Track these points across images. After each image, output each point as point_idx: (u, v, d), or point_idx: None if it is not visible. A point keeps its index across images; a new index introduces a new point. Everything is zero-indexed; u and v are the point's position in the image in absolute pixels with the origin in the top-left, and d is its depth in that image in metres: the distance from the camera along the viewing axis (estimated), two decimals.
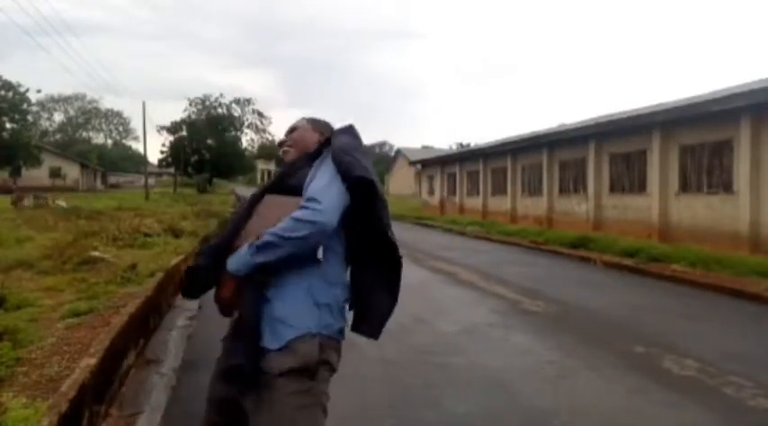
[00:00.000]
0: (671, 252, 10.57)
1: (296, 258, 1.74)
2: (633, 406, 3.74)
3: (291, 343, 1.73)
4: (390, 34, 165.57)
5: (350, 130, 1.99)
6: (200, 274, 1.82)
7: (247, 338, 1.73)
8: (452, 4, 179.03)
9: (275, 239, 1.69)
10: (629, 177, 15.23)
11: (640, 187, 14.66)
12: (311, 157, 1.95)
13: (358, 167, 1.82)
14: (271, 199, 1.86)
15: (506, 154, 22.19)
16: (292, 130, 2.12)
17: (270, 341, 1.74)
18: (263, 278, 1.75)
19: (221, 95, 72.68)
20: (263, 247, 1.70)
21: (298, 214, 1.71)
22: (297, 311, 1.76)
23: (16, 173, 50.73)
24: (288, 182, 1.88)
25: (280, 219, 1.73)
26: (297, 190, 1.81)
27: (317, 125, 2.13)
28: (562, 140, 18.39)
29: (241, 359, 1.73)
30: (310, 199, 1.74)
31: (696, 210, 12.68)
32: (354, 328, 1.97)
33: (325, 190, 1.76)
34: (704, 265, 9.44)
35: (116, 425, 3.38)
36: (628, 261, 10.60)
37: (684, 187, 13.16)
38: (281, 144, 2.13)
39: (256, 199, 1.92)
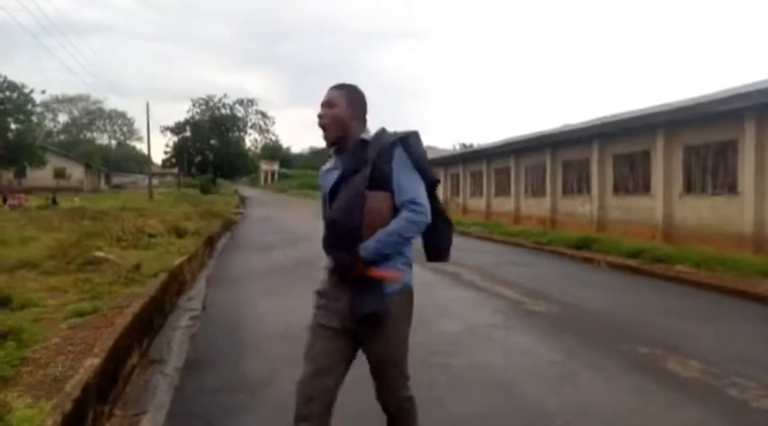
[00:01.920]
0: (675, 254, 10.53)
1: None
2: (636, 407, 3.74)
3: (404, 287, 2.36)
4: (394, 34, 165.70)
5: (419, 139, 2.36)
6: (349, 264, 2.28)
7: (377, 291, 2.27)
8: (456, 4, 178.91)
9: (399, 239, 2.24)
10: (633, 178, 15.20)
11: (644, 188, 14.63)
12: (380, 150, 2.29)
13: (432, 173, 2.38)
14: (373, 195, 2.25)
15: (510, 154, 22.16)
16: (330, 105, 2.37)
17: (389, 287, 2.30)
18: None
19: (225, 96, 72.89)
20: (391, 244, 2.24)
21: (412, 216, 2.24)
22: (400, 269, 2.35)
23: (21, 173, 50.89)
24: (379, 178, 2.26)
25: (383, 212, 2.24)
26: (385, 183, 2.25)
27: (353, 102, 2.40)
28: (566, 141, 18.37)
29: (378, 305, 2.25)
30: (415, 203, 2.25)
31: (700, 211, 12.65)
32: (431, 259, 2.59)
33: (424, 195, 2.30)
34: (709, 266, 9.41)
35: (120, 425, 3.39)
36: (632, 262, 10.58)
37: (689, 188, 13.13)
38: (320, 117, 2.38)
39: (339, 186, 2.34)
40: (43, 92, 58.02)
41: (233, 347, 5.15)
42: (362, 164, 2.28)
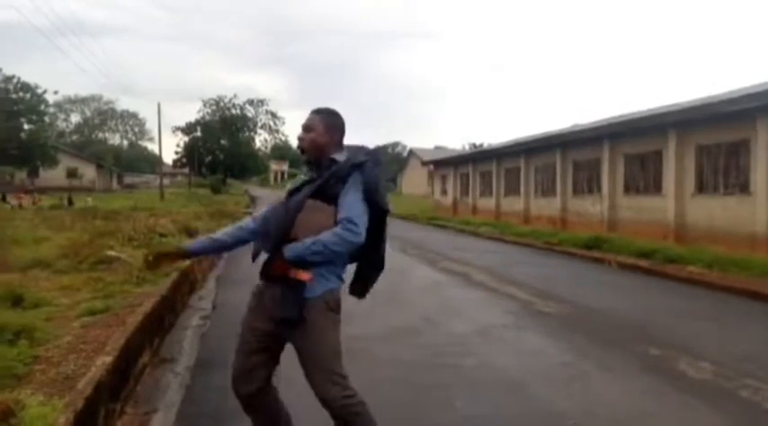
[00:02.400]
0: (687, 254, 10.46)
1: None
2: (647, 408, 3.71)
3: (325, 293, 2.44)
4: (403, 34, 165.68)
5: (376, 160, 2.50)
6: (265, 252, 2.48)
7: (296, 294, 2.38)
8: (465, 4, 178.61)
9: (324, 249, 2.33)
10: (644, 178, 15.10)
11: (656, 188, 14.53)
12: (336, 169, 2.45)
13: (383, 201, 2.46)
14: (314, 204, 2.41)
15: (520, 154, 22.09)
16: (308, 129, 2.55)
17: (310, 292, 2.41)
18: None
19: (235, 96, 73.16)
20: (315, 252, 2.34)
21: (342, 233, 2.32)
22: (325, 276, 2.45)
23: (34, 173, 51.40)
24: (327, 192, 2.41)
25: (321, 222, 2.36)
26: (332, 199, 2.39)
27: (330, 128, 2.57)
28: (576, 140, 18.28)
29: (293, 310, 2.37)
30: (351, 222, 2.33)
31: (712, 211, 12.54)
32: (351, 291, 2.66)
33: (362, 216, 2.38)
34: (721, 267, 9.33)
35: (131, 423, 3.42)
36: (643, 263, 10.51)
37: (700, 188, 13.02)
38: (300, 140, 2.58)
39: (291, 194, 2.50)
40: (56, 92, 58.60)
41: None
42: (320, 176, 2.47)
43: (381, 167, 2.54)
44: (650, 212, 14.53)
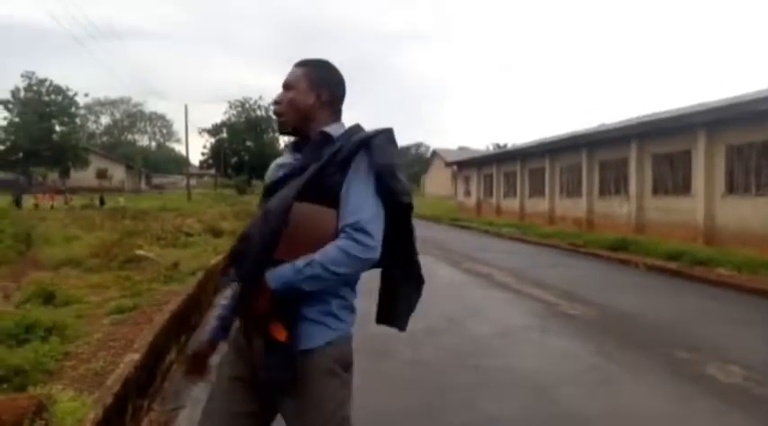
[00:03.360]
0: (716, 256, 10.25)
1: None
2: (676, 413, 3.65)
3: (333, 342, 1.70)
4: (426, 34, 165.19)
5: (391, 139, 1.75)
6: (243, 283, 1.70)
7: (287, 346, 1.64)
8: (491, 3, 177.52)
9: (325, 273, 1.58)
10: (672, 178, 14.83)
11: (685, 188, 14.25)
12: (337, 150, 1.70)
13: (406, 194, 1.71)
14: (304, 208, 1.63)
15: (544, 154, 21.88)
16: (287, 87, 1.82)
17: (307, 342, 1.67)
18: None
19: (260, 97, 73.78)
20: (312, 277, 1.59)
21: (350, 248, 1.59)
22: (332, 314, 1.72)
23: (65, 174, 52.59)
24: (324, 186, 1.66)
25: (318, 233, 1.63)
26: (331, 196, 1.66)
27: (315, 81, 1.81)
28: (602, 140, 18.04)
29: (280, 369, 1.64)
30: (362, 231, 1.60)
31: (743, 213, 12.26)
32: (380, 320, 1.93)
33: (375, 220, 1.64)
34: (751, 269, 9.13)
35: (158, 419, 3.48)
36: (671, 265, 10.32)
37: (731, 188, 12.74)
38: (276, 103, 1.85)
39: (269, 192, 1.78)
40: (86, 95, 59.62)
41: None
42: (313, 163, 1.70)
43: (396, 147, 1.77)
44: (679, 213, 14.27)
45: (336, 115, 1.84)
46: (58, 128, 51.19)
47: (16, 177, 45.47)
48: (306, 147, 1.80)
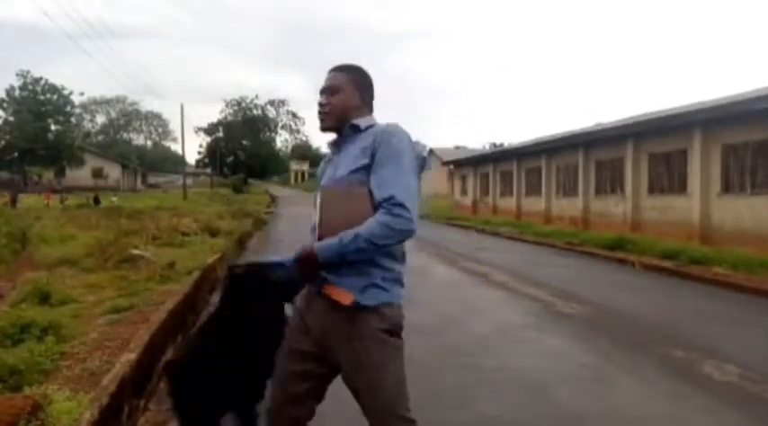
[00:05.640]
0: (712, 255, 10.28)
1: None
2: (672, 412, 3.66)
3: (383, 306, 1.91)
4: (423, 34, 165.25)
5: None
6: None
7: (343, 307, 1.88)
8: (487, 3, 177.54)
9: (368, 245, 1.80)
10: (668, 177, 14.86)
11: (681, 187, 14.29)
12: (352, 133, 2.00)
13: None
14: (339, 192, 1.93)
15: (541, 154, 21.90)
16: (333, 91, 2.01)
17: (366, 299, 1.88)
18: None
19: (256, 97, 73.95)
20: (357, 250, 1.81)
21: (389, 221, 1.79)
22: (384, 281, 1.93)
23: (60, 173, 52.44)
24: (356, 169, 1.91)
25: (353, 212, 1.85)
26: (362, 177, 1.90)
27: (359, 84, 2.06)
28: (599, 140, 18.07)
29: (336, 325, 1.90)
30: (400, 206, 1.80)
31: (739, 212, 12.29)
32: None
33: (409, 193, 1.84)
34: (747, 268, 9.16)
35: (154, 419, 3.46)
36: (667, 264, 10.35)
37: (727, 188, 12.77)
38: (321, 105, 2.04)
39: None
40: (82, 94, 59.72)
41: None
42: (346, 153, 2.00)
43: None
44: (675, 212, 14.30)
45: (371, 111, 2.09)
46: (53, 127, 51.04)
47: (12, 176, 45.32)
48: (341, 141, 2.04)
